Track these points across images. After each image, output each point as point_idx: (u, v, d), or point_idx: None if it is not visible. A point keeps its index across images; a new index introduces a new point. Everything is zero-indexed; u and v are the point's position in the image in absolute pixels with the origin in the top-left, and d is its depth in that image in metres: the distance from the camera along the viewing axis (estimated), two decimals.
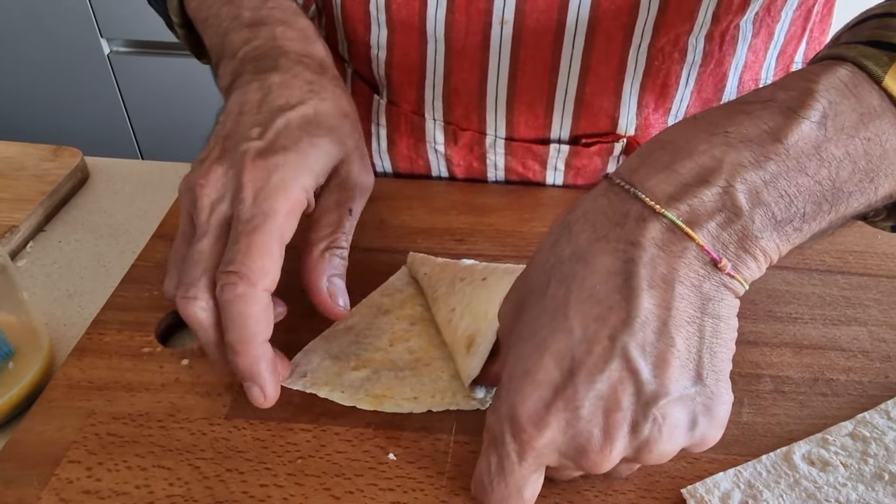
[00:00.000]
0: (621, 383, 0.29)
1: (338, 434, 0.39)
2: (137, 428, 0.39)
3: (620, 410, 0.30)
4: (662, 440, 0.30)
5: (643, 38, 0.50)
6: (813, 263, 0.50)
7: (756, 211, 0.30)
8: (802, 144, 0.30)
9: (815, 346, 0.44)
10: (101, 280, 0.50)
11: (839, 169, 0.31)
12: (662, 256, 0.30)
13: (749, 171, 0.30)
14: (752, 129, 0.31)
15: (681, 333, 0.30)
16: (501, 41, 0.51)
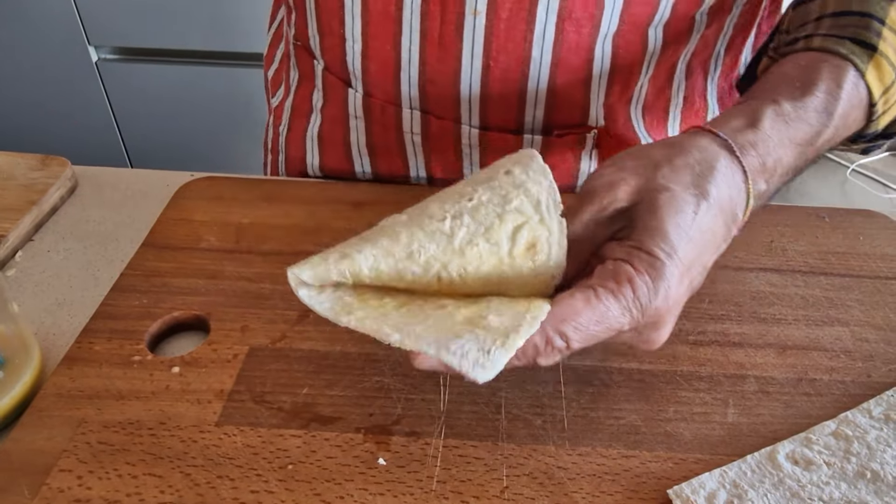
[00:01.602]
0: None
1: (328, 440, 0.39)
2: (128, 436, 0.39)
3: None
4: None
5: (609, 29, 0.52)
6: (796, 265, 0.51)
7: (773, 186, 0.42)
8: (822, 142, 0.42)
9: (798, 347, 0.45)
10: (91, 289, 0.50)
11: (828, 145, 0.43)
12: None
13: (787, 159, 0.41)
14: (806, 136, 0.42)
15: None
16: (475, 32, 0.52)
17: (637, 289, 0.35)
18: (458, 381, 0.42)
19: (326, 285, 0.37)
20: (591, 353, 0.44)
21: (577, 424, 0.40)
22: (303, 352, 0.44)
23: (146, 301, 0.47)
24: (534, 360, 0.35)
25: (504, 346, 0.32)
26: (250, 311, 0.47)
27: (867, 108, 0.44)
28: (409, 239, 0.36)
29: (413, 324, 0.35)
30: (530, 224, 0.36)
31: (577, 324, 0.35)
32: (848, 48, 0.43)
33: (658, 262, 0.36)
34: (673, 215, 0.37)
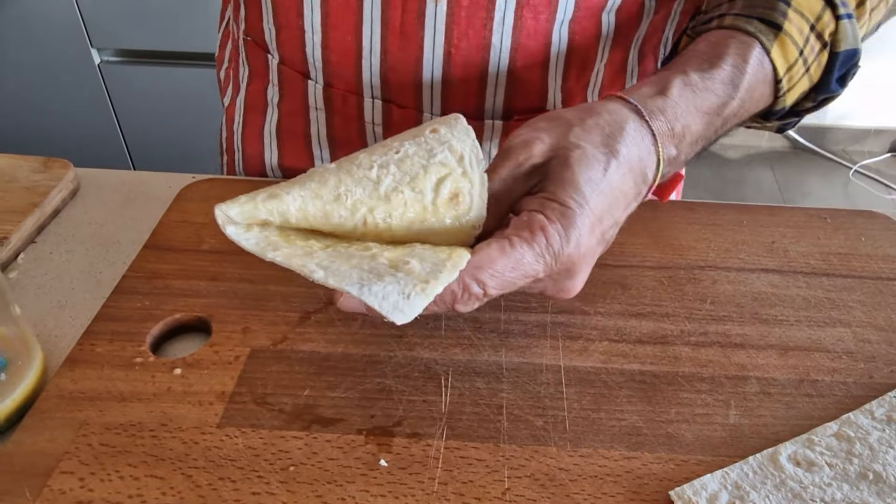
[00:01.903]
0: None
1: (329, 441, 0.39)
2: (130, 438, 0.39)
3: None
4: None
5: (566, 15, 0.54)
6: (798, 266, 0.51)
7: (684, 153, 0.45)
8: (729, 113, 0.45)
9: (800, 348, 0.45)
10: (93, 291, 0.50)
11: (736, 119, 0.46)
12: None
13: (694, 136, 0.44)
14: (713, 105, 0.44)
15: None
16: (436, 19, 0.53)
17: (550, 236, 0.37)
18: (458, 383, 0.42)
19: (253, 224, 0.38)
20: (592, 355, 0.44)
21: (578, 425, 0.40)
22: (304, 353, 0.44)
23: (148, 303, 0.47)
24: (452, 306, 0.38)
25: (424, 292, 0.34)
26: (252, 312, 0.47)
27: (773, 84, 0.47)
28: (337, 183, 0.38)
29: (338, 262, 0.36)
30: (453, 176, 0.38)
31: (493, 271, 0.37)
32: (755, 27, 0.45)
33: (570, 210, 0.38)
34: (584, 170, 0.39)
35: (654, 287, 0.49)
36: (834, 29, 0.46)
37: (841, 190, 2.29)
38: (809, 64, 0.47)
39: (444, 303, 0.37)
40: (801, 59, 0.46)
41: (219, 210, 0.38)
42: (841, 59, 0.47)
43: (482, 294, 0.37)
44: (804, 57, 0.46)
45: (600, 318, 0.47)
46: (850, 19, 0.47)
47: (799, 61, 0.46)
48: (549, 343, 0.45)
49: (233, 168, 0.71)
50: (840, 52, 0.47)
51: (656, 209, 0.56)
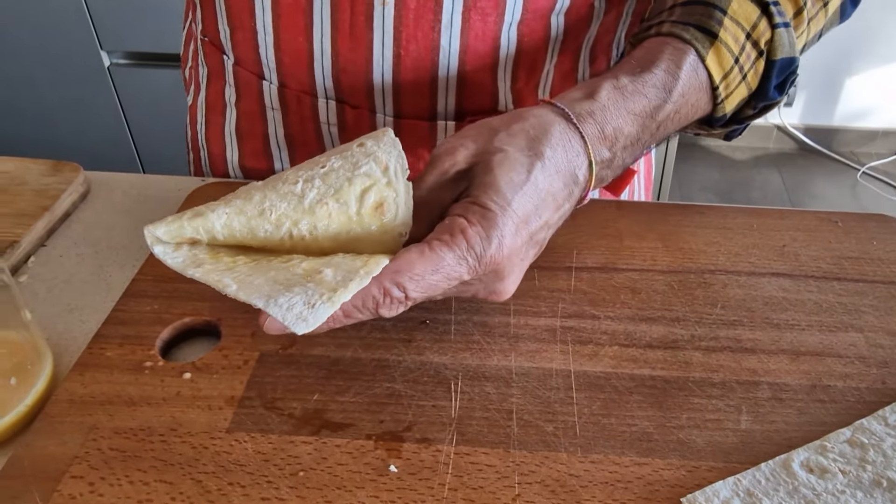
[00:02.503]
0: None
1: (338, 446, 0.39)
2: (139, 442, 0.39)
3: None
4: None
5: (514, 17, 0.54)
6: (809, 270, 0.51)
7: (619, 156, 0.45)
8: (663, 117, 0.46)
9: (812, 353, 0.45)
10: (102, 294, 0.50)
11: (673, 124, 0.47)
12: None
13: (628, 139, 0.45)
14: (646, 108, 0.45)
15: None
16: (384, 21, 0.53)
17: (470, 238, 0.38)
18: (468, 388, 0.42)
19: (183, 243, 0.40)
20: (602, 360, 0.44)
21: (589, 431, 0.40)
22: (313, 357, 0.44)
23: (157, 306, 0.47)
24: (376, 312, 0.38)
25: (330, 301, 0.35)
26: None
27: (710, 91, 0.47)
28: (262, 198, 0.40)
29: (255, 276, 0.37)
30: (378, 186, 0.39)
31: (413, 274, 0.37)
32: (691, 34, 0.46)
33: (490, 213, 0.39)
34: (506, 172, 0.40)
35: (664, 291, 0.49)
36: (770, 37, 0.47)
37: (849, 192, 2.29)
38: (746, 72, 0.47)
39: (367, 309, 0.38)
40: (737, 66, 0.47)
41: (147, 231, 0.39)
42: (778, 67, 0.48)
43: (404, 298, 0.38)
44: (740, 65, 0.47)
45: (610, 323, 0.47)
46: (787, 28, 0.47)
47: (735, 69, 0.47)
48: (558, 348, 0.45)
49: (199, 166, 0.72)
50: (777, 60, 0.47)
51: (666, 212, 0.56)
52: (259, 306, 0.35)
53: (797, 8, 0.49)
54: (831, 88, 2.31)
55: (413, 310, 0.47)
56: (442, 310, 0.47)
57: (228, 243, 0.40)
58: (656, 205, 0.57)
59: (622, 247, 0.53)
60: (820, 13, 0.51)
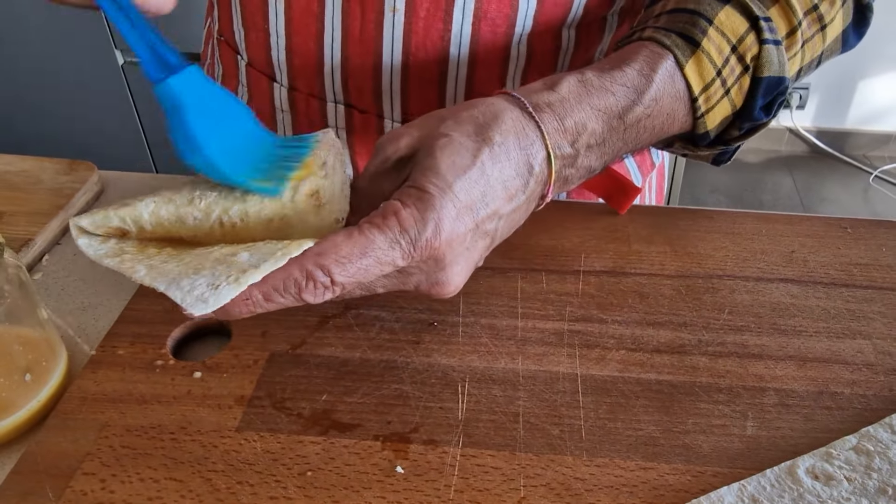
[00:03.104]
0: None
1: (346, 447, 0.40)
2: (150, 440, 0.40)
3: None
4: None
5: (524, 29, 0.53)
6: (817, 276, 0.51)
7: (584, 154, 0.43)
8: (633, 119, 0.44)
9: (819, 360, 0.45)
10: (115, 293, 0.51)
11: (647, 132, 0.45)
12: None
13: (593, 136, 0.43)
14: (613, 107, 0.43)
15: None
16: (394, 29, 0.53)
17: (403, 220, 0.36)
18: (475, 391, 0.43)
19: (111, 235, 0.39)
20: (609, 364, 0.44)
21: (594, 435, 0.40)
22: (322, 358, 0.45)
23: (169, 305, 0.48)
24: (299, 297, 0.36)
25: (237, 282, 0.33)
26: (270, 316, 0.47)
27: (688, 102, 0.45)
28: (192, 188, 0.39)
29: (171, 264, 0.36)
30: (312, 178, 0.38)
31: (338, 257, 0.35)
32: (672, 40, 0.44)
33: (426, 195, 0.37)
34: (449, 156, 0.38)
35: (671, 296, 0.49)
36: (757, 53, 0.45)
37: (861, 195, 2.27)
38: (729, 86, 0.45)
39: (289, 293, 0.36)
40: (720, 79, 0.45)
41: (71, 222, 0.38)
42: (764, 86, 0.45)
43: (329, 282, 0.36)
44: (723, 78, 0.45)
45: (617, 327, 0.47)
46: (777, 46, 0.45)
47: (716, 81, 0.45)
48: (565, 351, 0.45)
49: None
50: (763, 77, 0.45)
51: (674, 217, 0.56)
52: (161, 290, 0.33)
53: (790, 28, 0.47)
54: (844, 91, 2.30)
55: (421, 311, 0.48)
56: (450, 312, 0.48)
57: (158, 235, 0.39)
58: (665, 209, 0.57)
59: (630, 251, 0.53)
60: (817, 37, 0.49)
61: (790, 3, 0.46)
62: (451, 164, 0.38)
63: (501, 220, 0.40)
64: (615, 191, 0.55)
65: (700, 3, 0.45)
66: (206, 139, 0.38)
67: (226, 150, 0.38)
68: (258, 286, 0.35)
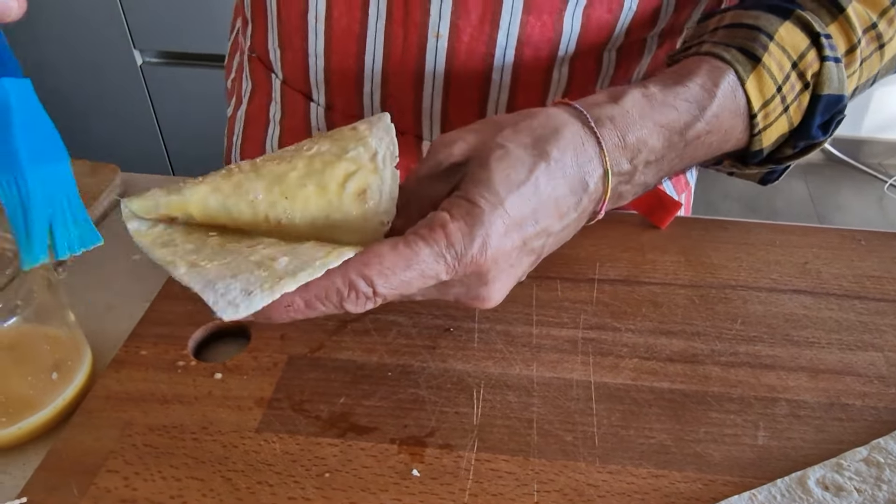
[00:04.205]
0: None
1: (363, 449, 0.40)
2: (172, 439, 0.41)
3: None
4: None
5: (567, 53, 0.53)
6: (830, 288, 0.51)
7: (641, 171, 0.42)
8: (693, 136, 0.43)
9: (831, 371, 0.45)
10: (138, 294, 0.52)
11: (703, 148, 0.44)
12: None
13: (652, 153, 0.42)
14: (675, 123, 0.42)
15: None
16: (436, 54, 0.53)
17: (450, 234, 0.35)
18: (490, 396, 0.43)
19: (161, 220, 0.38)
20: (622, 372, 0.45)
21: (607, 442, 0.41)
22: (340, 361, 0.46)
23: (191, 308, 0.49)
24: (340, 306, 0.35)
25: (270, 290, 0.32)
26: None
27: (747, 118, 0.44)
28: (242, 177, 0.37)
29: (212, 261, 0.35)
30: (362, 172, 0.37)
31: (382, 268, 0.34)
32: (733, 55, 0.44)
33: (477, 209, 0.36)
34: (503, 169, 0.37)
35: (685, 305, 0.50)
36: (818, 70, 0.44)
37: (875, 204, 2.26)
38: (788, 103, 0.44)
39: (330, 302, 0.35)
40: (779, 96, 0.44)
41: (123, 203, 0.38)
42: (824, 104, 0.45)
43: (372, 293, 0.35)
44: (783, 94, 0.44)
45: (631, 335, 0.47)
46: (838, 63, 0.44)
47: (776, 98, 0.44)
48: (579, 359, 0.46)
49: None
50: (823, 95, 0.44)
51: (688, 227, 0.56)
52: (196, 290, 0.33)
53: (850, 45, 0.46)
54: (859, 99, 2.27)
55: (437, 317, 0.48)
56: (465, 318, 0.48)
57: (205, 222, 0.38)
58: (679, 219, 0.57)
59: (645, 260, 0.53)
60: (874, 56, 0.47)
61: (850, 21, 0.45)
62: (505, 178, 0.37)
63: (550, 237, 0.39)
64: (656, 206, 0.55)
65: (759, 18, 0.45)
66: (28, 155, 0.33)
67: (40, 176, 0.34)
68: (300, 293, 0.34)
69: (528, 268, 0.40)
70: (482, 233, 0.35)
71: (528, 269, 0.40)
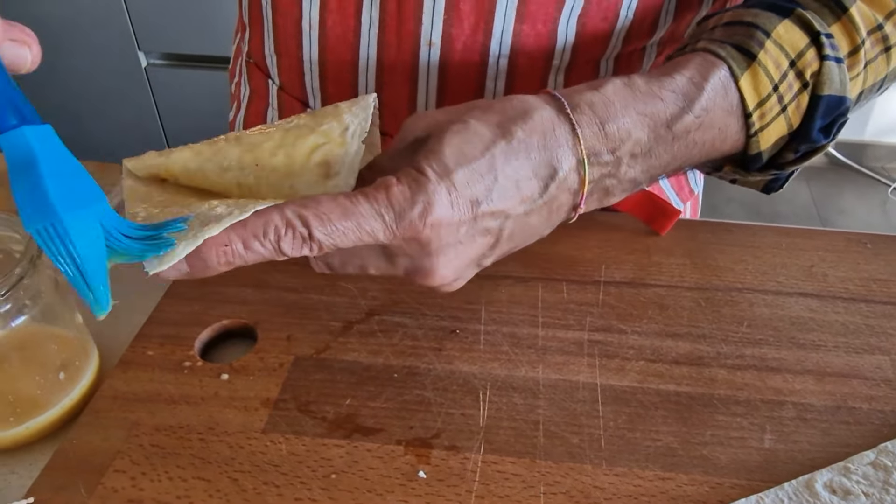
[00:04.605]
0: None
1: (370, 451, 0.40)
2: (178, 440, 0.41)
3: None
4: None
5: (562, 62, 0.53)
6: (837, 291, 0.51)
7: (627, 163, 0.41)
8: (681, 129, 0.41)
9: (837, 374, 0.45)
10: (145, 294, 0.52)
11: (696, 147, 0.42)
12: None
13: (637, 145, 0.41)
14: (660, 114, 0.41)
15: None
16: (430, 62, 0.53)
17: (392, 195, 0.35)
18: (496, 398, 0.43)
19: (153, 181, 0.40)
20: (628, 374, 0.45)
21: (614, 444, 0.41)
22: (346, 363, 0.46)
23: (197, 308, 0.49)
24: (277, 246, 0.34)
25: (195, 236, 0.32)
26: (296, 321, 0.48)
27: (742, 118, 0.43)
28: (223, 145, 0.39)
29: (166, 209, 0.36)
30: (330, 145, 0.38)
31: (319, 212, 0.34)
32: (727, 51, 0.42)
33: (423, 178, 0.36)
34: (457, 143, 0.36)
35: (691, 308, 0.50)
36: (817, 69, 0.42)
37: (879, 208, 2.26)
38: (786, 103, 0.43)
39: (269, 241, 0.34)
40: (776, 95, 0.42)
41: (123, 162, 0.40)
42: (824, 105, 0.43)
43: (307, 235, 0.34)
44: (780, 94, 0.42)
45: (637, 338, 0.47)
46: (839, 64, 0.43)
47: (773, 97, 0.42)
48: (585, 361, 0.46)
49: None
50: (823, 95, 0.43)
51: (694, 230, 0.56)
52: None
53: (853, 46, 0.44)
54: None
55: (443, 318, 0.48)
56: (471, 320, 0.48)
57: (191, 184, 0.40)
58: (684, 222, 0.57)
59: (650, 262, 0.53)
60: (880, 58, 0.46)
61: (853, 21, 0.44)
62: (458, 152, 0.36)
63: (509, 220, 0.38)
64: (657, 214, 0.55)
65: (758, 16, 0.43)
66: (61, 201, 0.32)
67: (80, 220, 0.32)
68: (237, 231, 0.34)
69: (486, 250, 0.39)
70: (424, 199, 0.35)
71: (488, 253, 0.39)
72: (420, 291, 0.50)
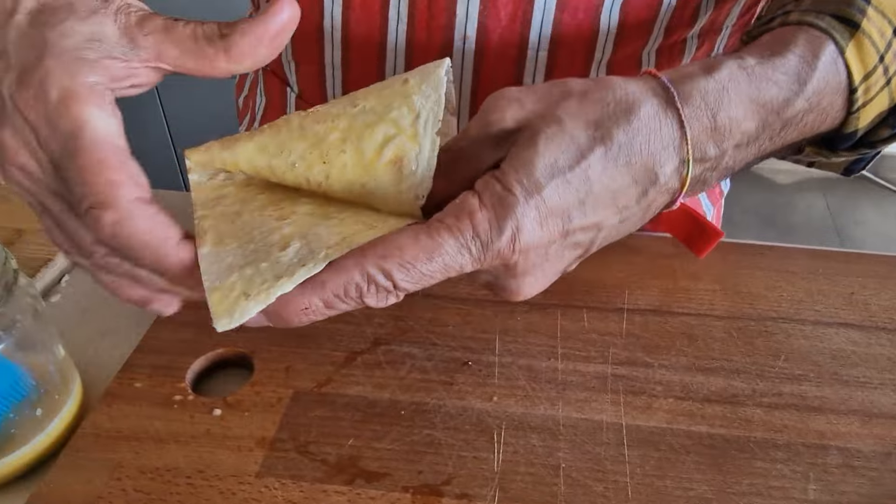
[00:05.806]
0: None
1: (373, 499, 0.37)
2: (165, 484, 0.37)
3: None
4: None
5: (604, 54, 0.51)
6: (880, 321, 0.47)
7: (730, 155, 0.37)
8: (791, 115, 0.37)
9: (886, 416, 0.41)
10: (136, 318, 0.49)
11: (797, 131, 0.38)
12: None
13: (745, 136, 0.36)
14: (773, 100, 0.36)
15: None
16: (464, 56, 0.51)
17: (477, 225, 0.32)
18: (512, 439, 0.40)
19: (219, 171, 0.38)
20: (656, 413, 0.41)
21: (641, 494, 0.37)
22: (349, 398, 0.42)
23: (190, 335, 0.46)
24: (361, 302, 0.32)
25: (267, 293, 0.31)
26: (295, 350, 0.45)
27: (846, 94, 0.38)
28: (286, 137, 0.36)
29: (238, 237, 0.34)
30: (400, 138, 0.34)
31: (402, 261, 0.31)
32: (828, 23, 0.37)
33: (510, 197, 0.32)
34: (551, 150, 0.32)
35: (722, 339, 0.46)
36: None
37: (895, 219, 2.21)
38: (891, 75, 0.39)
39: (350, 299, 0.32)
40: (882, 66, 0.38)
41: (186, 153, 0.37)
42: None
43: (392, 286, 0.32)
44: (885, 65, 0.38)
45: (665, 372, 0.44)
46: None
47: (878, 69, 0.38)
48: (609, 398, 0.42)
49: None
50: None
51: (722, 252, 0.53)
52: (206, 286, 0.32)
53: None
54: None
55: (455, 349, 0.45)
56: (485, 350, 0.45)
57: (257, 178, 0.37)
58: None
59: (677, 288, 0.50)
60: None
61: None
62: (551, 163, 0.32)
63: (602, 231, 0.35)
64: (696, 234, 0.50)
65: None
66: None
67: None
68: (317, 293, 0.32)
69: (573, 262, 0.36)
70: (512, 225, 0.32)
71: (574, 264, 0.36)
72: (430, 319, 0.47)
